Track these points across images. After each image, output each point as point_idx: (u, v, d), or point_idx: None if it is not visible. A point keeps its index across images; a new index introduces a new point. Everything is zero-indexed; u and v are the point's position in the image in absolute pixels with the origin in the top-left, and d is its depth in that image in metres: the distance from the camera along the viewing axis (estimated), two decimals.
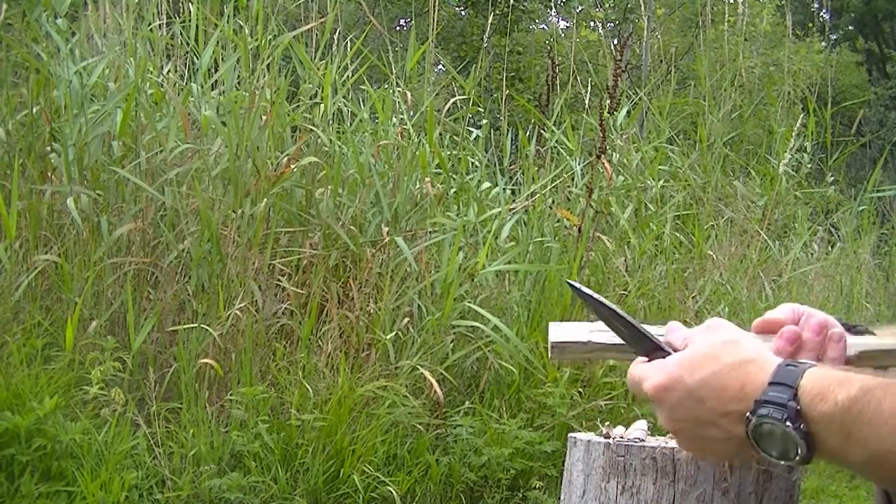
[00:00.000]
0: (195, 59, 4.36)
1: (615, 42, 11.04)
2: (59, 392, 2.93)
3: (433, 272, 3.83)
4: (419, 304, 3.71)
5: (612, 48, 8.00)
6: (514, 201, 4.54)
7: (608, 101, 4.98)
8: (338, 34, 4.47)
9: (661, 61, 7.40)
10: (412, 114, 4.47)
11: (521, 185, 4.81)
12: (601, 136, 4.44)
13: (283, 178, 3.76)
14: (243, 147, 3.71)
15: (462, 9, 11.40)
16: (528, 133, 5.01)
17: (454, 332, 3.70)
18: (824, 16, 11.97)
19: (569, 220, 4.28)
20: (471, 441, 3.37)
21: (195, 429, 3.09)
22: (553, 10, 12.04)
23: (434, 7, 4.60)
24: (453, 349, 3.66)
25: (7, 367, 2.98)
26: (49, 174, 3.73)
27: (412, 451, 3.33)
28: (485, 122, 5.05)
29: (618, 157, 5.06)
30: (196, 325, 3.33)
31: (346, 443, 3.20)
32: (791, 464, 0.85)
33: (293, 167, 3.81)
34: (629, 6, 11.66)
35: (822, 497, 4.04)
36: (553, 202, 4.62)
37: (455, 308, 3.68)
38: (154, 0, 4.35)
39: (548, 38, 10.42)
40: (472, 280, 3.89)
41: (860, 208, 6.05)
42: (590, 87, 5.75)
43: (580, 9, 12.13)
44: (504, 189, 4.67)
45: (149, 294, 3.50)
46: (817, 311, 1.02)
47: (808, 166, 6.00)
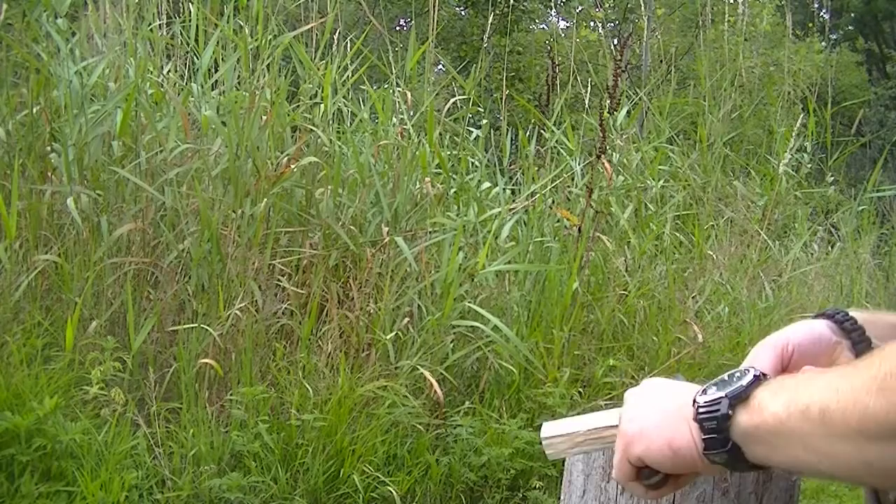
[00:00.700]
0: (195, 59, 4.36)
1: (615, 42, 11.04)
2: (59, 392, 2.93)
3: (433, 272, 3.83)
4: (419, 304, 3.71)
5: (612, 48, 8.00)
6: (514, 201, 4.54)
7: (608, 101, 4.98)
8: (338, 34, 4.47)
9: (661, 61, 7.40)
10: (412, 114, 4.47)
11: (521, 185, 4.81)
12: (601, 136, 4.44)
13: (283, 178, 3.76)
14: (243, 147, 3.72)
15: (462, 9, 11.41)
16: (528, 133, 5.01)
17: (454, 332, 3.70)
18: (824, 16, 11.98)
19: (569, 220, 4.29)
20: (471, 441, 3.37)
21: (195, 429, 3.09)
22: (553, 10, 12.04)
23: (434, 7, 4.60)
24: (453, 349, 3.66)
25: (7, 367, 2.98)
26: (49, 174, 3.73)
27: (412, 451, 3.33)
28: (485, 122, 5.05)
29: (618, 157, 5.06)
30: (196, 325, 3.33)
31: (346, 443, 3.20)
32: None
33: (293, 167, 3.81)
34: (629, 6, 11.66)
35: (822, 497, 4.04)
36: (553, 202, 4.62)
37: (455, 308, 3.68)
38: (154, 0, 4.35)
39: (548, 38, 10.41)
40: (472, 280, 3.89)
41: (860, 208, 6.05)
42: (590, 87, 5.75)
43: (580, 9, 12.13)
44: (504, 189, 4.67)
45: (149, 294, 3.50)
46: (800, 337, 1.00)
47: (808, 166, 6.01)
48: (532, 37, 11.28)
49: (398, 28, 12.15)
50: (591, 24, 11.37)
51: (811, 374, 0.83)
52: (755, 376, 0.84)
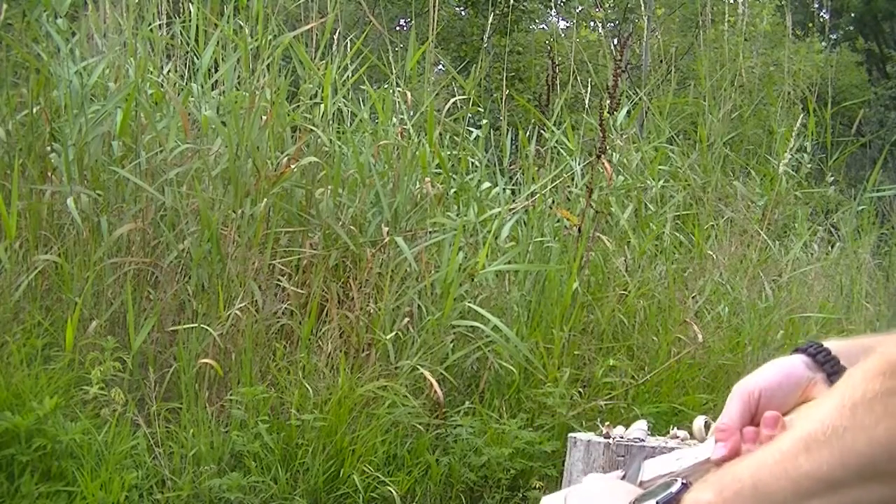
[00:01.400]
0: (195, 59, 4.37)
1: (615, 42, 11.03)
2: (59, 392, 2.93)
3: (433, 272, 3.83)
4: (419, 304, 3.71)
5: (612, 48, 8.00)
6: (514, 201, 4.54)
7: (608, 101, 4.98)
8: (338, 34, 4.47)
9: (661, 61, 7.39)
10: (412, 114, 4.47)
11: (521, 185, 4.81)
12: (601, 136, 4.44)
13: (283, 178, 3.76)
14: (243, 147, 3.72)
15: (462, 9, 11.40)
16: (528, 133, 5.01)
17: (454, 332, 3.70)
18: (824, 16, 11.97)
19: (569, 220, 4.28)
20: (471, 441, 3.37)
21: (195, 429, 3.09)
22: (553, 10, 12.04)
23: (434, 7, 4.60)
24: (453, 349, 3.66)
25: (7, 367, 2.98)
26: (49, 174, 3.74)
27: (412, 451, 3.34)
28: (485, 122, 5.05)
29: (618, 157, 5.05)
30: (196, 325, 3.33)
31: (346, 443, 3.20)
32: None
33: (293, 167, 3.81)
34: (629, 6, 11.66)
35: None
36: (553, 202, 4.62)
37: (455, 308, 3.68)
38: (154, 0, 4.35)
39: (548, 38, 10.41)
40: (472, 280, 3.90)
41: (860, 208, 6.04)
42: (590, 87, 5.75)
43: (580, 9, 12.12)
44: (504, 189, 4.67)
45: (149, 294, 3.50)
46: (767, 380, 1.00)
47: (808, 166, 6.00)
48: (532, 37, 11.27)
49: (398, 28, 12.15)
50: (591, 24, 11.37)
51: (739, 458, 0.84)
52: (683, 484, 0.85)
